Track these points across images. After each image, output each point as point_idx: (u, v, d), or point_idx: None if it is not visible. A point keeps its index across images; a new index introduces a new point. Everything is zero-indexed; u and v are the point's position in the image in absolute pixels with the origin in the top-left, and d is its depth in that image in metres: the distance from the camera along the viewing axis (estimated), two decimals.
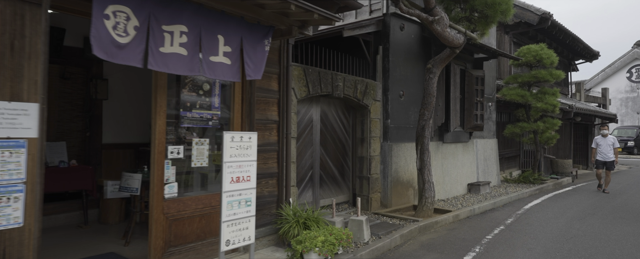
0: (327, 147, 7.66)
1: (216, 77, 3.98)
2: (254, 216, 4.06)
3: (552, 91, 12.42)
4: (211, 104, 4.69)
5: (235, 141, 3.85)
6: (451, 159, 10.15)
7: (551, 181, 12.88)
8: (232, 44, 4.11)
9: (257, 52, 4.32)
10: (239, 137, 3.89)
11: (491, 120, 12.15)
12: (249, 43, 4.28)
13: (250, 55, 4.26)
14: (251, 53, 4.27)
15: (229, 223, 3.80)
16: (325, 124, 7.62)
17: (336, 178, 7.89)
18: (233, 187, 3.83)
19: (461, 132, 10.51)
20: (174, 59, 3.54)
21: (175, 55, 3.56)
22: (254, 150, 4.05)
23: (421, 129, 7.71)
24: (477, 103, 10.62)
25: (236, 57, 4.16)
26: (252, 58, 4.26)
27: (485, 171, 11.65)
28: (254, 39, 4.34)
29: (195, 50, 3.72)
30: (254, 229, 4.06)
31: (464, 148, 10.72)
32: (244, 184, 3.93)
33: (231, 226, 3.82)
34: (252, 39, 4.32)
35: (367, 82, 7.91)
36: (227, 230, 3.78)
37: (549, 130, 12.57)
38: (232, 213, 3.83)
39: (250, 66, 4.24)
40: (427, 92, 7.67)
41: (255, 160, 4.05)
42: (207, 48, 3.86)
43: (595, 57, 20.56)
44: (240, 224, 3.90)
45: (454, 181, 10.20)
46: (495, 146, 12.26)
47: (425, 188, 7.66)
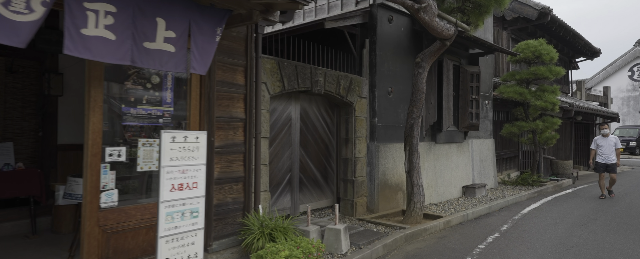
0: (308, 148, 7.08)
1: (153, 67, 3.40)
2: (202, 228, 3.48)
3: (552, 89, 11.83)
4: (162, 99, 4.12)
5: (177, 141, 3.28)
6: (444, 160, 9.57)
7: (551, 182, 12.29)
8: (177, 28, 3.53)
9: (206, 41, 3.73)
10: (182, 137, 3.31)
11: (488, 119, 11.56)
12: (200, 29, 3.71)
13: (198, 44, 3.68)
14: (199, 41, 3.69)
15: (168, 238, 3.22)
16: (305, 123, 7.03)
17: (318, 181, 7.30)
18: (174, 196, 3.26)
19: (455, 132, 9.92)
20: (98, 43, 2.96)
21: (100, 40, 2.98)
22: (203, 152, 3.47)
23: (410, 128, 7.14)
24: (472, 101, 10.03)
25: (182, 44, 3.58)
26: (199, 47, 3.67)
27: (482, 173, 11.07)
28: (207, 24, 3.76)
29: (125, 34, 3.14)
30: (202, 244, 3.48)
31: (458, 149, 10.13)
32: (188, 192, 3.36)
33: (172, 242, 3.24)
34: (204, 24, 3.74)
35: (351, 78, 7.32)
36: (166, 247, 3.20)
37: (549, 129, 11.99)
38: (173, 226, 3.26)
39: (196, 57, 3.65)
40: (416, 88, 7.09)
41: (203, 164, 3.48)
42: (142, 33, 3.28)
43: (596, 55, 19.96)
44: (183, 240, 3.32)
45: (448, 183, 9.62)
46: (492, 147, 11.67)
47: (414, 192, 7.07)
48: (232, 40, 4.77)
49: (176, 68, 3.60)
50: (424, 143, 8.91)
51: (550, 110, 11.65)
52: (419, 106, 7.11)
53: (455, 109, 10.04)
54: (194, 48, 3.64)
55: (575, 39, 16.86)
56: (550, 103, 11.39)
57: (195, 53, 3.64)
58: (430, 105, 8.88)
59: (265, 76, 5.57)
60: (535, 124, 11.59)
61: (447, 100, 9.05)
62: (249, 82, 4.96)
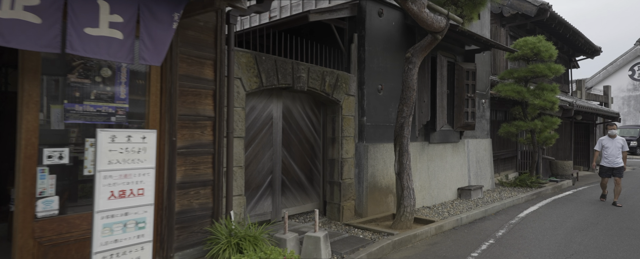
0: (291, 149, 6.64)
1: (100, 57, 2.96)
2: (150, 241, 3.04)
3: (551, 87, 11.39)
4: (115, 94, 3.68)
5: (118, 141, 2.84)
6: (438, 161, 9.13)
7: (550, 184, 11.85)
8: (124, 12, 3.09)
9: (160, 28, 3.28)
10: (125, 137, 2.87)
11: (484, 118, 11.12)
12: (152, 14, 3.26)
13: (151, 31, 3.23)
14: (152, 28, 3.24)
15: (106, 254, 2.78)
16: (288, 122, 6.59)
17: (303, 184, 6.86)
18: (114, 205, 2.82)
19: (450, 132, 9.48)
20: (14, 27, 2.53)
21: (17, 23, 2.55)
22: (151, 153, 3.03)
23: (400, 127, 6.70)
24: (467, 99, 9.59)
25: (131, 30, 3.14)
26: (151, 35, 3.23)
27: (478, 174, 10.62)
28: (160, 8, 3.32)
29: (54, 17, 2.71)
30: None
31: (453, 149, 9.69)
32: (132, 199, 2.92)
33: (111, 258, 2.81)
34: (156, 8, 3.29)
35: (337, 74, 6.88)
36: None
37: (548, 129, 11.54)
38: (113, 239, 2.82)
39: (147, 46, 3.20)
40: (407, 85, 6.65)
41: (152, 167, 3.04)
42: (81, 16, 2.84)
43: (596, 53, 19.52)
44: (126, 255, 2.88)
45: (442, 185, 9.18)
46: (489, 147, 11.23)
47: (403, 195, 6.63)
48: (199, 30, 4.34)
49: (126, 58, 3.16)
50: (417, 143, 8.47)
51: (550, 109, 11.21)
52: (410, 103, 6.67)
53: (450, 108, 9.60)
54: (145, 35, 3.20)
55: (575, 36, 16.42)
56: (549, 102, 10.95)
57: (146, 41, 3.20)
58: (423, 103, 8.45)
59: (240, 70, 5.13)
60: (534, 124, 11.16)
61: (441, 98, 8.61)
62: (219, 77, 4.52)
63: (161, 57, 3.29)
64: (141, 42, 3.20)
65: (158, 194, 3.97)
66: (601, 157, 9.64)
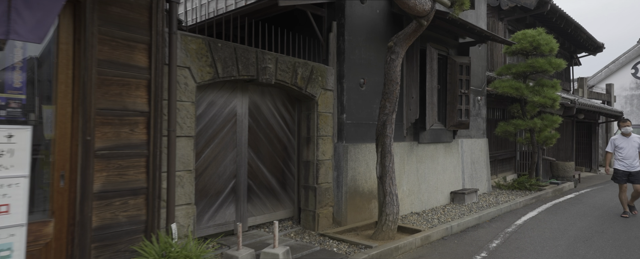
0: (259, 150, 5.88)
1: None
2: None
3: (552, 83, 10.62)
4: (5, 83, 2.93)
5: None
6: (429, 162, 8.36)
7: (550, 187, 11.07)
8: None
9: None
10: None
11: (480, 117, 10.36)
12: None
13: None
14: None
15: None
16: (256, 119, 5.84)
17: (274, 189, 6.11)
18: None
19: (442, 131, 8.72)
20: None
21: None
22: (22, 158, 2.29)
23: (382, 125, 5.95)
24: (461, 96, 8.83)
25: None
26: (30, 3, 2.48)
27: (473, 176, 9.86)
28: None
29: None
30: None
31: (446, 150, 8.93)
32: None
33: None
34: None
35: (312, 66, 6.12)
36: None
37: (548, 128, 10.77)
38: None
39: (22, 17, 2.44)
40: (389, 78, 5.90)
41: (24, 176, 2.29)
42: None
43: (599, 50, 18.73)
44: None
45: (433, 189, 8.41)
46: (485, 147, 10.46)
47: (386, 202, 5.88)
48: (127, 7, 3.59)
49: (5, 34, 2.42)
50: (405, 143, 7.71)
51: (550, 107, 10.44)
52: (393, 99, 5.92)
53: (442, 105, 8.84)
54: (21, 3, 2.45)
55: (577, 31, 15.64)
56: (550, 99, 10.18)
57: (22, 11, 2.45)
58: (412, 100, 7.68)
59: (188, 58, 4.38)
60: (533, 122, 10.39)
61: (431, 94, 7.84)
62: (156, 65, 3.77)
63: (44, 32, 2.54)
64: (14, 11, 2.45)
65: (68, 206, 3.22)
66: (614, 160, 8.17)
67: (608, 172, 8.36)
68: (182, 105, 4.30)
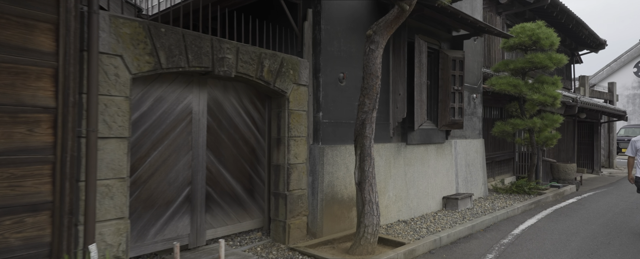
0: (221, 153, 5.15)
1: None
2: None
3: (552, 80, 9.88)
4: None
5: None
6: (419, 165, 7.62)
7: (551, 190, 10.32)
8: None
9: None
10: None
11: (476, 116, 9.61)
12: None
13: None
14: None
15: None
16: (217, 118, 5.11)
17: (239, 197, 5.38)
18: None
19: (433, 131, 7.98)
20: None
21: None
22: None
23: (361, 125, 5.21)
24: (454, 93, 8.09)
25: None
26: None
27: (468, 180, 9.11)
28: None
29: None
30: None
31: (437, 151, 8.19)
32: None
33: None
34: None
35: (282, 58, 5.39)
36: None
37: (548, 128, 10.03)
38: None
39: None
40: (368, 71, 5.17)
41: None
42: None
43: (601, 47, 17.97)
44: None
45: (423, 194, 7.67)
46: (481, 148, 9.72)
47: (364, 212, 5.15)
48: None
49: None
50: (391, 145, 6.98)
51: (550, 105, 9.69)
52: (372, 94, 5.18)
53: (433, 103, 8.11)
54: None
55: (578, 27, 14.89)
56: (550, 97, 9.43)
57: None
58: (398, 97, 6.95)
59: (120, 45, 3.65)
60: (533, 122, 9.64)
61: (420, 90, 7.10)
62: (66, 50, 3.04)
63: None
64: None
65: None
66: (638, 168, 6.50)
67: (631, 180, 6.66)
68: (111, 100, 3.57)
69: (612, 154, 20.20)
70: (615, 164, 20.45)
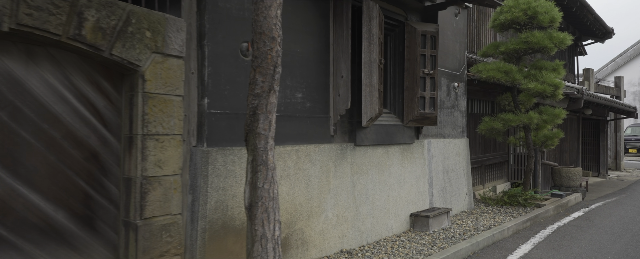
0: (20, 161, 3.18)
1: None
2: None
3: (553, 65, 7.90)
4: None
5: None
6: (375, 174, 5.65)
7: (551, 201, 8.33)
8: None
9: None
10: None
11: (458, 109, 7.64)
12: None
13: None
14: None
15: None
16: (13, 106, 3.14)
17: (61, 229, 3.40)
18: None
19: (396, 128, 6.01)
20: None
21: None
22: None
23: (252, 115, 3.27)
24: (424, 79, 6.13)
25: None
26: None
27: (446, 190, 7.13)
28: None
29: None
30: None
31: (403, 154, 6.22)
32: None
33: None
34: None
35: (129, 12, 3.42)
36: None
37: (548, 125, 8.04)
38: None
39: None
40: (259, 30, 3.23)
41: None
42: None
43: (608, 36, 15.94)
44: None
45: (382, 211, 5.71)
46: (464, 150, 7.73)
47: (254, 250, 3.20)
48: None
49: None
50: (331, 147, 5.01)
51: (551, 96, 7.72)
52: (267, 67, 3.25)
53: (397, 91, 6.15)
54: None
55: (583, 11, 12.86)
56: (550, 85, 7.45)
57: None
58: (341, 80, 4.98)
59: None
60: (528, 117, 7.66)
61: (370, 71, 5.09)
62: None
63: None
64: None
65: None
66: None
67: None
68: None
69: (620, 155, 18.18)
70: (622, 166, 18.43)
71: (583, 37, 16.37)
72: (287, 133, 4.52)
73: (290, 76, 4.54)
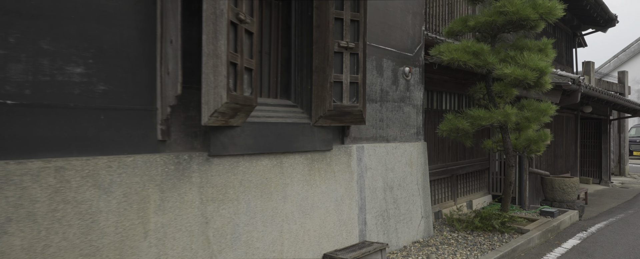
0: None
1: None
2: None
3: (539, 45, 5.85)
4: None
5: None
6: (254, 200, 3.60)
7: (537, 224, 6.26)
8: None
9: None
10: None
11: (410, 103, 5.59)
12: None
13: None
14: None
15: None
16: None
17: None
18: None
19: (298, 128, 3.97)
20: None
21: None
22: None
23: None
24: (342, 55, 4.09)
25: None
26: None
27: (388, 215, 5.08)
28: None
29: None
30: None
31: (312, 168, 4.17)
32: None
33: None
34: None
35: None
36: None
37: (533, 124, 5.97)
38: None
39: None
40: None
41: None
42: None
43: (611, 23, 13.82)
44: None
45: (266, 256, 3.65)
46: (419, 158, 5.68)
47: None
48: None
49: None
50: (156, 159, 2.96)
51: (535, 85, 5.66)
52: None
53: (301, 73, 4.13)
54: None
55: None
56: (533, 70, 5.39)
57: None
58: (169, 47, 2.93)
59: None
60: (504, 114, 5.59)
61: (214, 34, 2.99)
62: None
63: None
64: None
65: None
66: None
67: None
68: None
69: (624, 159, 16.04)
70: (627, 170, 16.28)
71: (582, 26, 14.29)
72: (43, 138, 2.50)
73: (49, 31, 2.52)
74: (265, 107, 3.85)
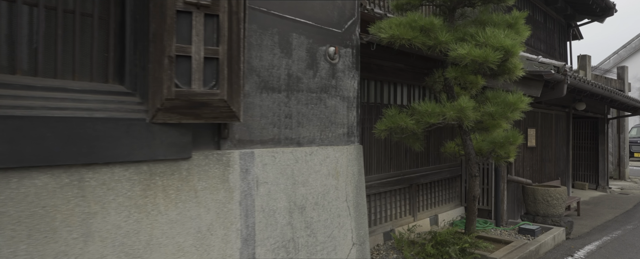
0: None
1: None
2: None
3: (507, 19, 4.43)
4: None
5: None
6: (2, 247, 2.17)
7: (511, 246, 4.82)
8: None
9: None
10: None
11: (337, 95, 4.16)
12: None
13: None
14: None
15: None
16: None
17: None
18: None
19: (119, 125, 2.55)
20: None
21: None
22: None
23: None
24: (191, 15, 2.67)
25: None
26: None
27: (297, 246, 3.65)
28: None
29: None
30: None
31: (148, 187, 2.75)
32: None
33: None
34: None
35: None
36: None
37: (501, 122, 4.53)
38: None
39: None
40: None
41: None
42: None
43: (608, 12, 12.36)
44: None
45: None
46: (351, 166, 4.24)
47: None
48: None
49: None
50: None
51: (501, 71, 4.22)
52: None
53: (138, 45, 2.68)
54: None
55: None
56: (496, 50, 3.95)
57: None
58: None
59: None
60: (458, 108, 4.15)
61: None
62: None
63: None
64: None
65: None
66: None
67: None
68: None
69: (623, 161, 14.56)
70: (627, 174, 14.80)
71: (577, 16, 12.83)
72: None
73: None
74: (56, 93, 2.45)
